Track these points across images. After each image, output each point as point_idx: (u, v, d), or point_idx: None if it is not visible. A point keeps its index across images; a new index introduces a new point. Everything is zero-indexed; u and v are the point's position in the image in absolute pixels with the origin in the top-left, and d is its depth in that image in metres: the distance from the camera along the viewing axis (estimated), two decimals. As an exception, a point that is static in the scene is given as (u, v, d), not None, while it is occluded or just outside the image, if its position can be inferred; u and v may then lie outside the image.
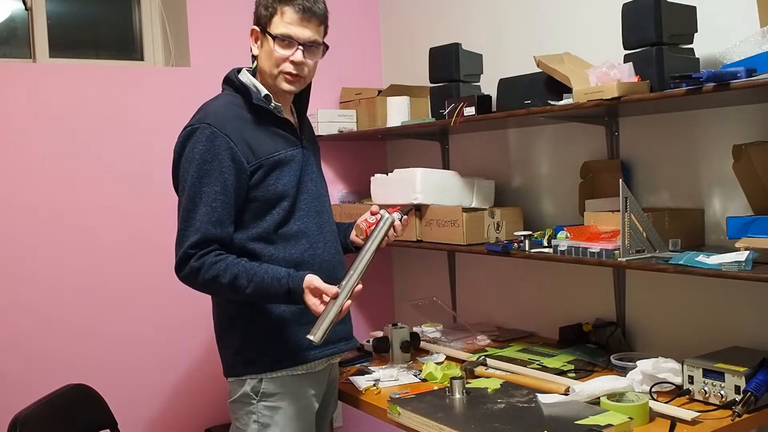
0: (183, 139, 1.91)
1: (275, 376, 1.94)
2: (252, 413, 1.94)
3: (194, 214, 1.85)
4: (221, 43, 3.05)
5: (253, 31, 1.98)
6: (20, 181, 2.67)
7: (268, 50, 1.93)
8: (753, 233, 1.86)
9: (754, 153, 1.95)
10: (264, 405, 1.94)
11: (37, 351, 2.69)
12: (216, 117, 1.90)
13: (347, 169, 3.39)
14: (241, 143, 1.88)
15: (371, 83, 3.35)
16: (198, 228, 1.84)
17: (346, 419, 3.27)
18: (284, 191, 1.94)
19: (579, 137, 2.56)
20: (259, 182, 1.91)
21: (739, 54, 1.82)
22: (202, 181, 1.85)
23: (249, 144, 1.90)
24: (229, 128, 1.88)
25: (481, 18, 2.93)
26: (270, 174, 1.92)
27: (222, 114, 1.91)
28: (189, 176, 1.87)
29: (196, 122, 1.90)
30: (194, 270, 1.84)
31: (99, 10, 3.18)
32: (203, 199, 1.85)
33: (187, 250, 1.84)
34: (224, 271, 1.83)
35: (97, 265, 2.81)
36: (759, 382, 1.81)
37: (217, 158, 1.85)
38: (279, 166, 1.94)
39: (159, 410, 2.93)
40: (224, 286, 1.84)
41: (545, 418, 1.83)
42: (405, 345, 2.46)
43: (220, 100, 1.97)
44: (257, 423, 1.94)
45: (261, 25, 1.95)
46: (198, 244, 1.84)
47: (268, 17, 1.92)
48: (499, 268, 2.91)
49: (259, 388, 1.93)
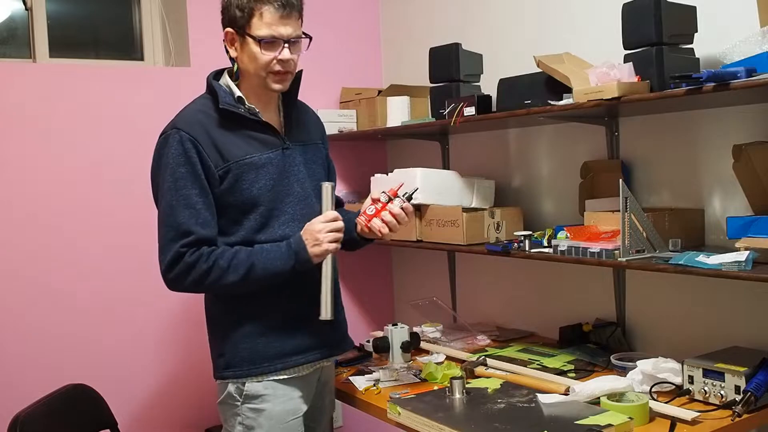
0: (157, 146, 1.91)
1: (258, 380, 1.93)
2: (237, 415, 1.94)
3: (178, 218, 1.83)
4: (221, 43, 3.05)
5: (228, 34, 1.92)
6: (20, 181, 2.67)
7: (252, 53, 1.88)
8: (753, 233, 1.86)
9: (754, 153, 1.95)
10: (248, 407, 1.93)
11: (37, 351, 2.69)
12: (185, 122, 1.89)
13: (347, 169, 3.38)
14: (209, 147, 1.86)
15: (371, 83, 3.35)
16: (187, 230, 1.82)
17: (346, 419, 3.27)
18: (258, 196, 1.90)
19: (579, 137, 2.56)
20: (231, 187, 1.88)
21: (739, 54, 1.82)
22: (178, 184, 1.84)
23: (217, 147, 1.87)
24: (197, 132, 1.87)
25: (481, 18, 2.93)
26: (242, 178, 1.88)
27: (191, 118, 1.90)
28: (165, 182, 1.86)
29: (168, 128, 1.90)
30: (188, 265, 1.82)
31: (99, 10, 3.18)
32: (184, 202, 1.83)
33: (179, 249, 1.82)
34: (220, 255, 1.83)
35: (97, 265, 2.81)
36: (759, 382, 1.81)
37: (189, 162, 1.84)
38: (251, 170, 1.89)
39: (159, 410, 2.93)
40: (222, 269, 1.82)
41: (545, 418, 1.83)
42: (405, 345, 2.46)
43: (193, 105, 1.96)
44: (242, 425, 1.93)
45: (238, 27, 1.88)
46: (190, 243, 1.83)
47: (245, 18, 1.86)
48: (499, 268, 2.91)
49: (243, 390, 1.93)
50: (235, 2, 1.88)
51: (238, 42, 1.92)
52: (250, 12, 1.86)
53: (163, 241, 1.85)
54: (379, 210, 1.98)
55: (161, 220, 1.87)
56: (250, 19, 1.86)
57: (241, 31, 1.89)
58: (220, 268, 1.83)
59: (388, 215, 1.97)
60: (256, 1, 1.85)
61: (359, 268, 3.38)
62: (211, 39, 3.02)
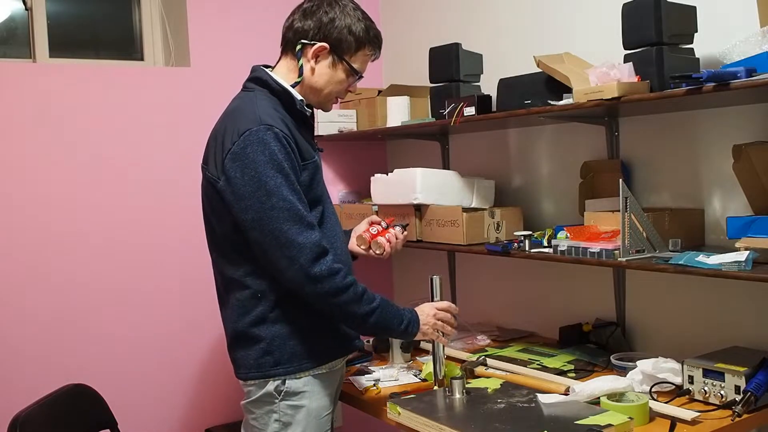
0: (247, 141, 1.79)
1: (300, 375, 1.93)
2: (273, 412, 1.93)
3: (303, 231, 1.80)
4: (221, 43, 3.06)
5: (321, 48, 1.92)
6: (20, 181, 2.67)
7: (335, 75, 1.95)
8: (753, 233, 1.86)
9: (754, 153, 1.95)
10: (287, 404, 1.92)
11: (36, 351, 2.69)
12: (272, 118, 1.85)
13: (347, 169, 3.39)
14: (294, 144, 1.87)
15: (371, 83, 3.34)
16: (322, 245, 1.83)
17: (346, 419, 3.27)
18: (321, 194, 1.97)
19: (579, 137, 2.56)
20: (307, 185, 1.90)
21: (739, 54, 1.82)
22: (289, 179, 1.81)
23: (299, 146, 1.89)
24: (286, 129, 1.85)
25: (481, 18, 2.93)
26: (311, 177, 1.92)
27: (275, 115, 1.87)
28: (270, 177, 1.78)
29: (253, 125, 1.80)
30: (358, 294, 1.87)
31: (99, 10, 3.18)
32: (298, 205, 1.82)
33: (332, 265, 1.83)
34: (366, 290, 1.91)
35: (96, 265, 2.81)
36: (759, 382, 1.81)
37: (289, 157, 1.83)
38: (317, 170, 1.96)
39: (159, 410, 2.93)
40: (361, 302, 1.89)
41: (545, 418, 1.83)
42: (405, 345, 2.46)
43: (262, 102, 1.89)
44: (278, 422, 1.93)
45: (337, 48, 1.93)
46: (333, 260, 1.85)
47: (350, 46, 1.93)
48: (499, 268, 2.91)
49: (283, 388, 1.92)
50: (350, 28, 1.93)
51: (326, 60, 1.95)
52: (360, 45, 1.95)
53: (300, 238, 1.80)
54: (381, 231, 2.20)
55: (282, 217, 1.79)
56: (357, 51, 1.95)
57: (338, 54, 1.94)
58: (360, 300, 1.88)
59: (391, 237, 2.19)
60: (368, 41, 1.96)
61: (359, 268, 3.35)
62: (211, 39, 3.04)
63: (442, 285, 2.17)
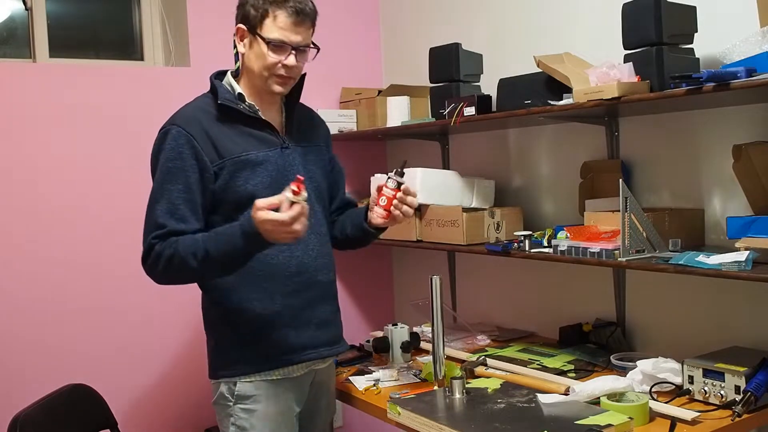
0: (155, 142, 1.94)
1: (249, 380, 1.93)
2: (230, 415, 1.94)
3: (156, 212, 1.87)
4: (221, 43, 3.04)
5: (239, 30, 1.94)
6: (20, 181, 2.67)
7: (259, 53, 1.90)
8: (753, 233, 1.86)
9: (754, 153, 1.95)
10: (240, 407, 1.93)
11: (36, 351, 2.69)
12: (183, 117, 1.92)
13: (347, 169, 3.34)
14: (204, 143, 1.88)
15: (371, 83, 3.35)
16: (161, 223, 1.85)
17: (346, 419, 3.27)
18: (254, 192, 1.88)
19: (579, 137, 2.56)
20: (226, 183, 1.90)
21: (739, 54, 1.82)
22: (165, 179, 1.87)
23: (214, 143, 1.89)
24: (194, 128, 1.89)
25: (481, 18, 2.93)
26: (237, 174, 1.90)
27: (189, 114, 1.93)
28: (156, 176, 1.91)
29: (166, 125, 1.93)
30: (157, 254, 1.84)
31: (99, 10, 3.18)
32: (165, 197, 1.87)
33: (150, 241, 1.86)
34: (181, 242, 1.83)
35: (96, 265, 2.80)
36: (759, 382, 1.81)
37: (180, 157, 1.87)
38: (247, 167, 1.91)
39: (159, 410, 2.93)
40: (182, 256, 1.81)
41: (545, 418, 1.83)
42: (405, 345, 2.46)
43: (193, 102, 1.99)
44: (235, 426, 1.94)
45: (250, 25, 1.91)
46: (162, 235, 1.85)
47: (258, 19, 1.88)
48: (499, 268, 2.91)
49: (234, 390, 1.93)
50: (251, 1, 1.90)
51: (248, 40, 1.93)
52: (264, 13, 1.88)
53: (143, 234, 1.90)
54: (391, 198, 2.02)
55: (146, 214, 1.91)
56: (263, 20, 1.88)
57: (252, 30, 1.90)
58: (180, 254, 1.82)
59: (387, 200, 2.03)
60: (271, 3, 1.87)
61: (359, 268, 3.38)
62: (211, 39, 3.04)
63: (442, 285, 2.15)
